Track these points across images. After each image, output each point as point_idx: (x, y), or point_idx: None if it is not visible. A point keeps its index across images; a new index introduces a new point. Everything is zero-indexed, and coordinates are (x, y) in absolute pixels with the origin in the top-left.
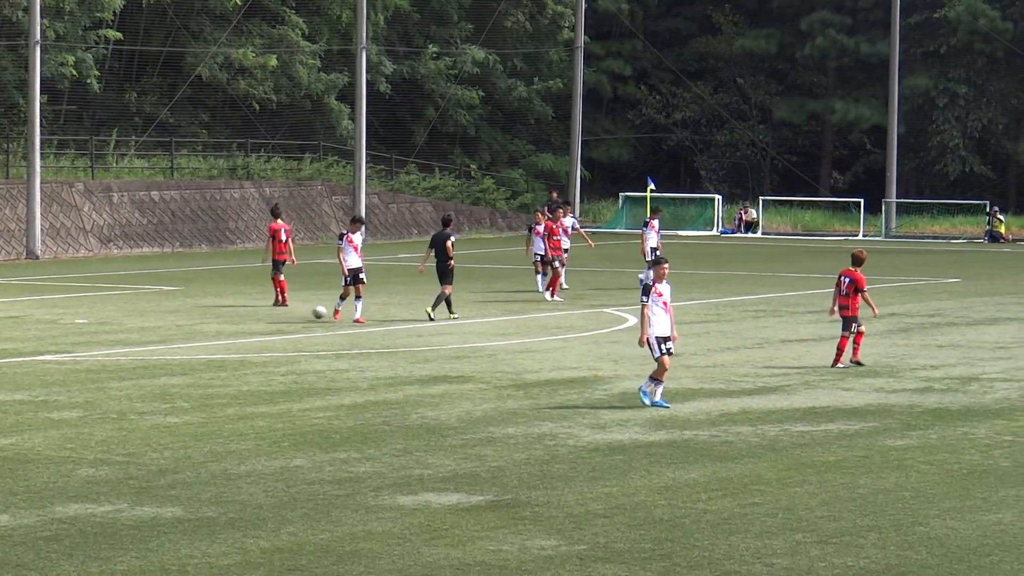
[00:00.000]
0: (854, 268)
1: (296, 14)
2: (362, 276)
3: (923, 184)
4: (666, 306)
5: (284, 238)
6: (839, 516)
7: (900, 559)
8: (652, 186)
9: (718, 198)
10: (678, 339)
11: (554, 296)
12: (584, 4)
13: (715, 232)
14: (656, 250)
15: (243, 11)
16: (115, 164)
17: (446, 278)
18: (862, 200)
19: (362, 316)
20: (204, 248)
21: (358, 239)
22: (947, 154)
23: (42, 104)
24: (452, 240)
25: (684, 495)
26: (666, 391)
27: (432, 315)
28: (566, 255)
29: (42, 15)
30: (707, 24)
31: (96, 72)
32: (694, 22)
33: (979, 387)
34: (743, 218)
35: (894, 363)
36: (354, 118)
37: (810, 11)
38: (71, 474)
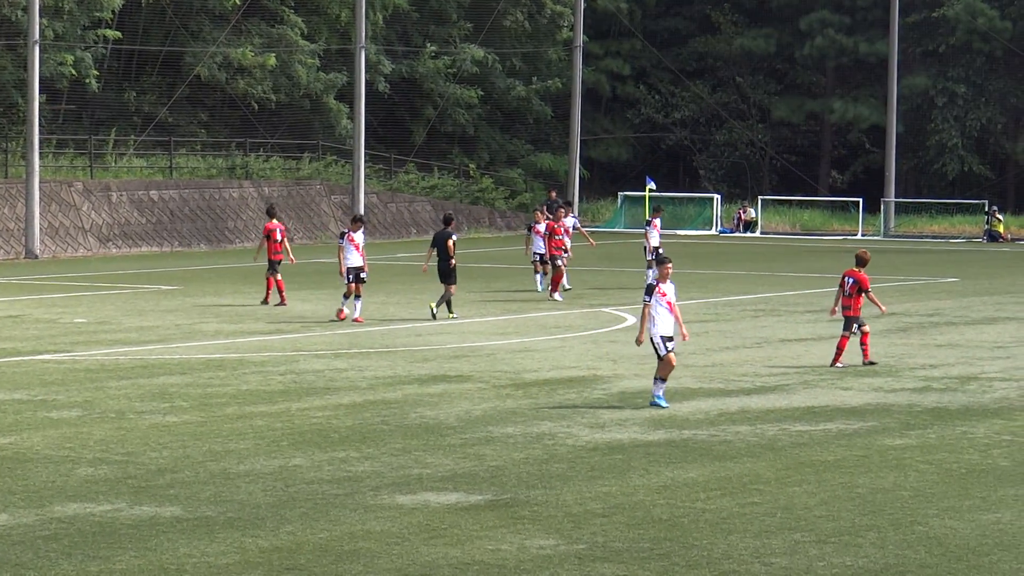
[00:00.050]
0: (858, 269)
1: (295, 13)
2: (363, 276)
3: (922, 184)
4: (670, 306)
5: (279, 238)
6: (838, 515)
7: (899, 558)
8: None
9: (717, 197)
10: (688, 337)
11: (557, 295)
12: (583, 3)
13: (714, 231)
14: (657, 249)
15: (242, 11)
16: (114, 163)
17: (449, 278)
18: (861, 199)
19: (361, 315)
20: (203, 247)
21: (359, 238)
22: (946, 153)
23: (41, 104)
24: (453, 239)
25: (683, 494)
26: (666, 389)
27: (435, 312)
28: (567, 255)
29: (41, 14)
30: (706, 23)
31: (95, 72)
32: (693, 21)
33: (978, 386)
34: (742, 217)
35: (893, 363)
36: (353, 117)
37: (809, 11)
38: (70, 473)
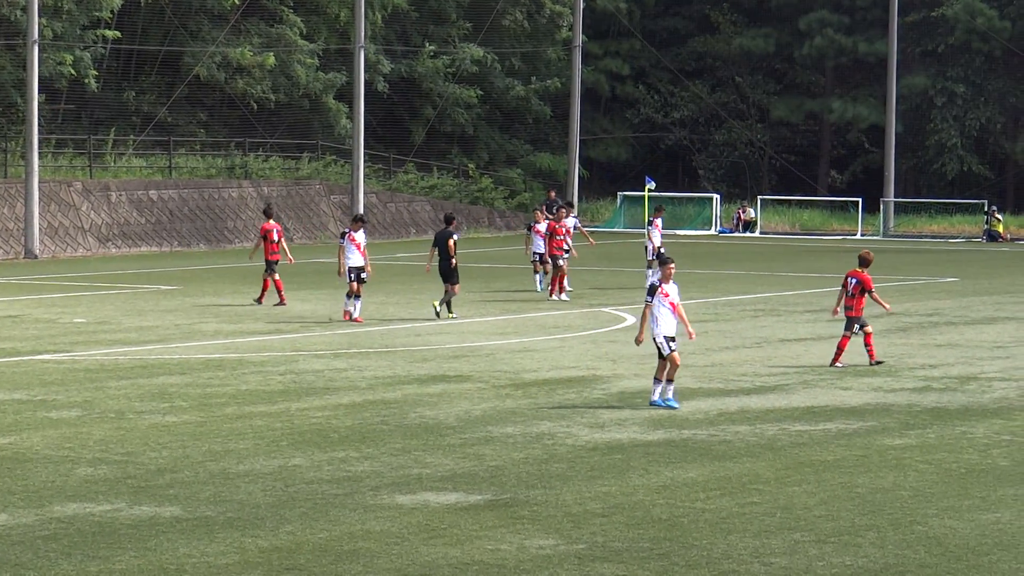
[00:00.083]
0: (861, 269)
1: (294, 13)
2: (364, 276)
3: (921, 183)
4: (673, 307)
5: (276, 238)
6: (837, 515)
7: (898, 558)
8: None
9: (716, 197)
10: (695, 336)
11: (562, 295)
12: (582, 3)
13: (713, 231)
14: (659, 249)
15: (241, 10)
16: (113, 163)
17: (451, 277)
18: (860, 199)
19: (360, 315)
20: (202, 247)
21: (360, 237)
22: (945, 153)
23: (40, 103)
24: (454, 239)
25: (682, 494)
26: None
27: (439, 311)
28: (569, 255)
29: (40, 14)
30: (705, 23)
31: (94, 71)
32: (692, 21)
33: (977, 386)
34: (741, 217)
35: (892, 362)
36: (352, 117)
37: (808, 10)
38: (69, 473)
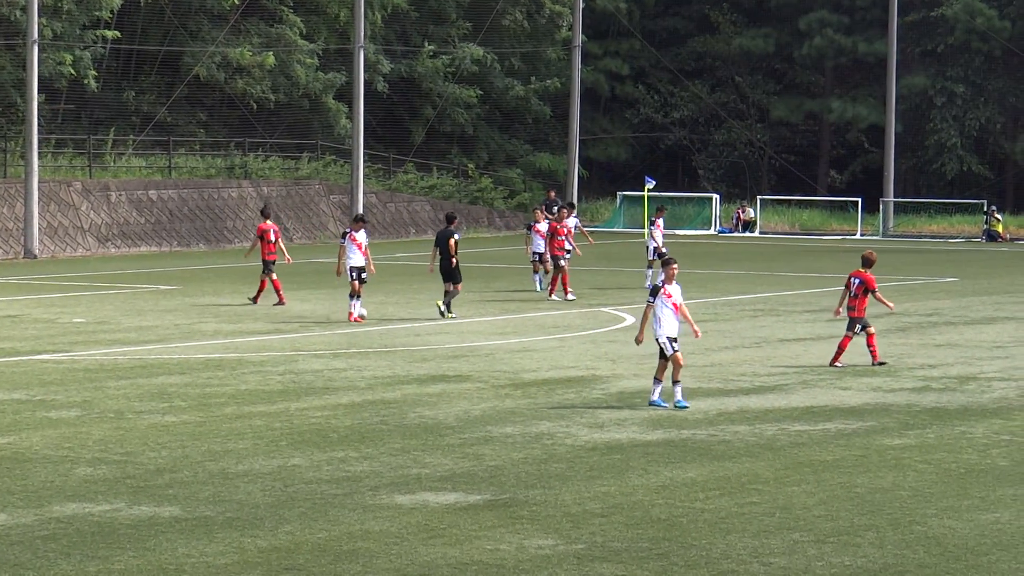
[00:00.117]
0: (864, 269)
1: (294, 13)
2: (364, 276)
3: (921, 183)
4: (676, 307)
5: (273, 239)
6: (836, 515)
7: (898, 558)
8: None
9: (716, 197)
10: (700, 335)
11: (567, 295)
12: (582, 3)
13: (713, 231)
14: (660, 250)
15: (241, 10)
16: (113, 163)
17: (454, 276)
18: (860, 199)
19: (359, 315)
20: (202, 247)
21: (362, 237)
22: (945, 153)
23: (40, 103)
24: (455, 238)
25: (682, 494)
26: (664, 390)
27: (443, 310)
28: (569, 255)
29: (40, 14)
30: (705, 23)
31: (94, 71)
32: (692, 21)
33: (977, 386)
34: (741, 217)
35: (892, 362)
36: (352, 117)
37: (808, 10)
38: (69, 473)
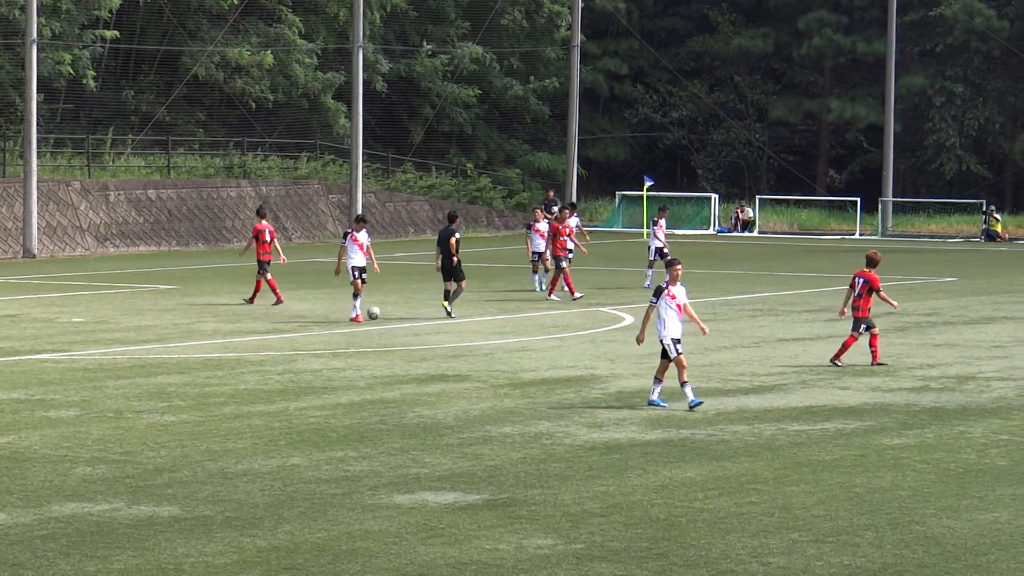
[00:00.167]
0: (868, 269)
1: (292, 13)
2: (364, 276)
3: (919, 183)
4: (679, 309)
5: (268, 239)
6: (836, 515)
7: (897, 558)
8: (649, 184)
9: (715, 197)
10: (707, 331)
11: (573, 295)
12: (581, 3)
13: (712, 231)
14: (662, 250)
15: (240, 10)
16: (112, 163)
17: (456, 274)
18: (859, 199)
19: (359, 315)
20: (201, 247)
21: (363, 238)
22: (943, 153)
23: (39, 103)
24: (456, 236)
25: (681, 494)
26: (664, 390)
27: (449, 311)
28: (572, 255)
29: (39, 13)
30: (704, 23)
31: (93, 71)
32: (691, 21)
33: (976, 386)
34: (740, 217)
35: (891, 362)
36: (351, 117)
37: (807, 10)
38: (68, 473)
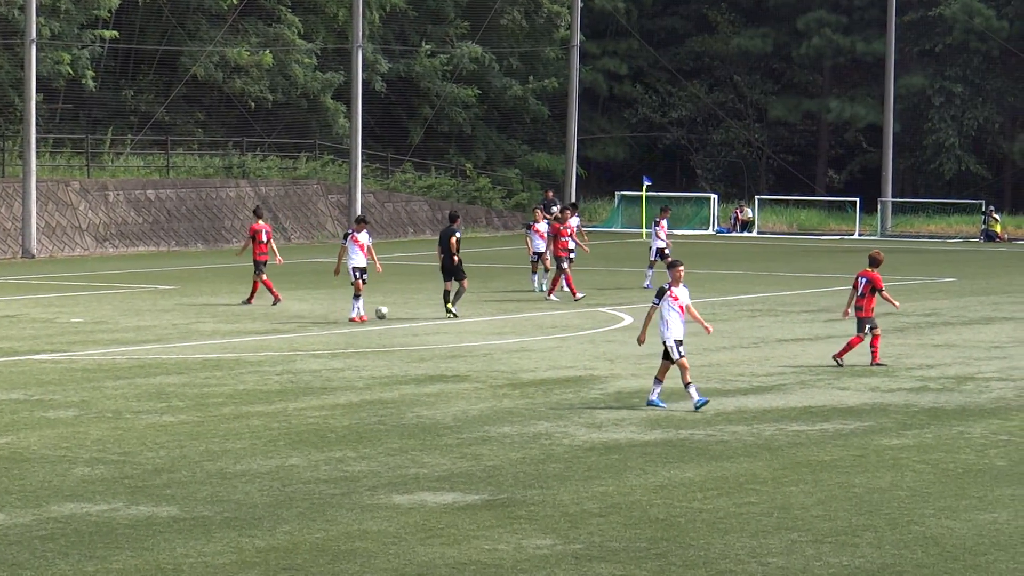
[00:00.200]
0: (871, 269)
1: (292, 13)
2: (364, 276)
3: (919, 183)
4: (682, 310)
5: (265, 239)
6: (834, 515)
7: (896, 558)
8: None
9: (714, 197)
10: (711, 330)
11: (576, 295)
12: (580, 3)
13: (711, 231)
14: (663, 251)
15: (239, 10)
16: (111, 163)
17: (457, 273)
18: (858, 199)
19: (358, 315)
20: (200, 247)
21: (364, 238)
22: (943, 153)
23: (38, 103)
24: (457, 236)
25: (680, 494)
26: (664, 390)
27: (455, 311)
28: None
29: (38, 13)
30: (703, 23)
31: (92, 71)
32: (690, 21)
33: (975, 386)
34: (739, 217)
35: (890, 362)
36: (350, 117)
37: (806, 10)
38: (67, 473)
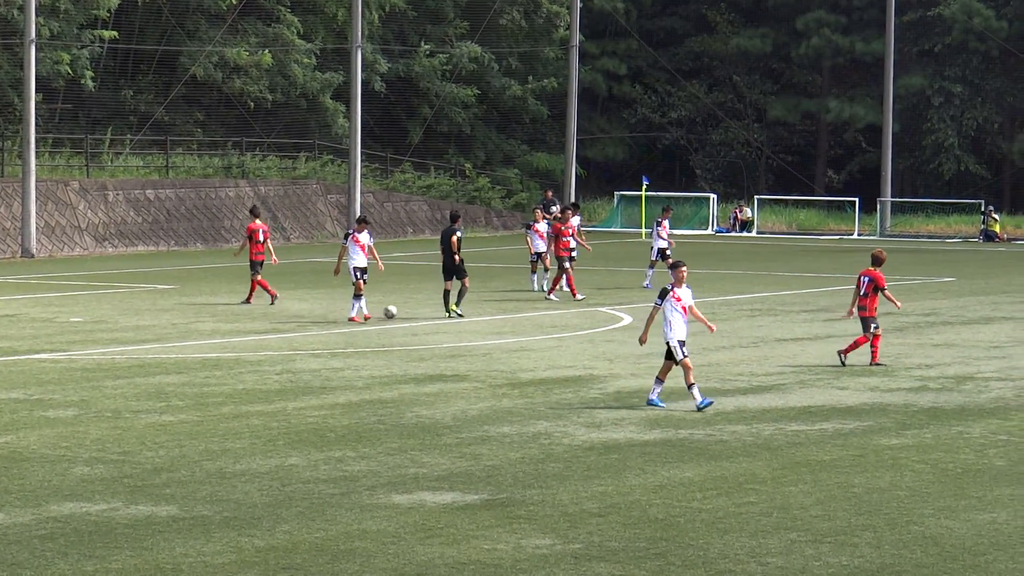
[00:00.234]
0: (874, 268)
1: (291, 13)
2: (365, 276)
3: (918, 183)
4: (685, 311)
5: (261, 238)
6: (834, 515)
7: (895, 558)
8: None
9: (713, 197)
10: (715, 329)
11: (576, 296)
12: (579, 3)
13: (710, 231)
14: (665, 252)
15: (238, 10)
16: (110, 163)
17: (459, 272)
18: (857, 199)
19: (358, 315)
20: (199, 247)
21: (365, 239)
22: (942, 153)
23: (37, 103)
24: (458, 235)
25: (679, 494)
26: (664, 391)
27: (460, 312)
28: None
29: (38, 13)
30: (702, 23)
31: (91, 71)
32: (689, 21)
33: (974, 386)
34: (738, 217)
35: (889, 362)
36: (349, 117)
37: (805, 10)
38: (66, 473)
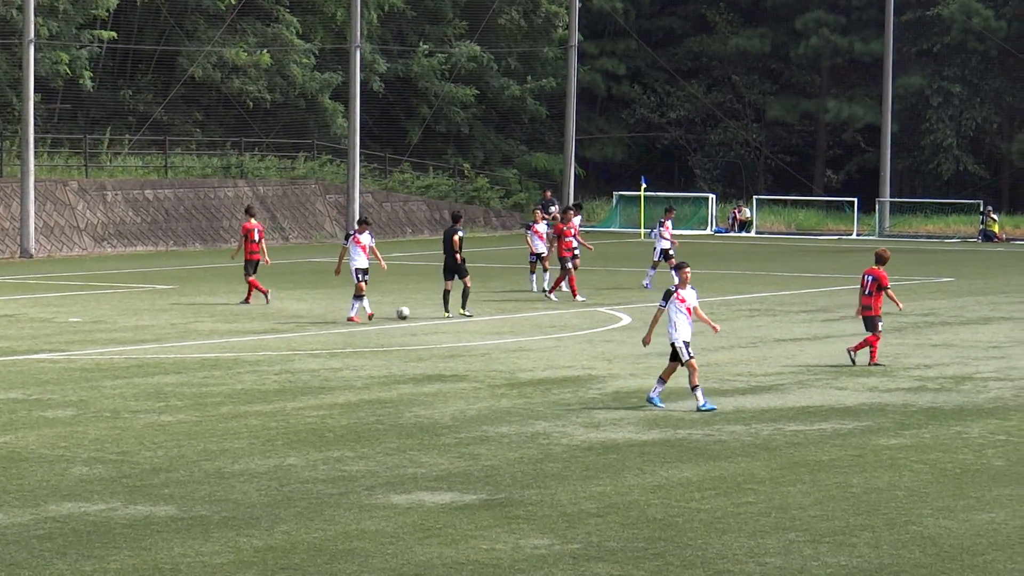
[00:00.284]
0: (878, 267)
1: (290, 13)
2: (366, 277)
3: (917, 183)
4: (689, 312)
5: (256, 238)
6: (832, 515)
7: (893, 558)
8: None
9: (712, 197)
10: (719, 329)
11: (576, 296)
12: (578, 3)
13: (709, 231)
14: (667, 252)
15: (237, 10)
16: (109, 163)
17: (460, 272)
18: (856, 199)
19: (357, 315)
20: (198, 247)
21: (366, 239)
22: (941, 153)
23: (36, 103)
24: (459, 235)
25: (678, 494)
26: (665, 392)
27: (468, 312)
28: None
29: (36, 13)
30: (701, 23)
31: (90, 71)
32: (688, 21)
33: (973, 386)
34: (737, 217)
35: (888, 362)
36: (348, 117)
37: (804, 10)
38: (65, 473)
